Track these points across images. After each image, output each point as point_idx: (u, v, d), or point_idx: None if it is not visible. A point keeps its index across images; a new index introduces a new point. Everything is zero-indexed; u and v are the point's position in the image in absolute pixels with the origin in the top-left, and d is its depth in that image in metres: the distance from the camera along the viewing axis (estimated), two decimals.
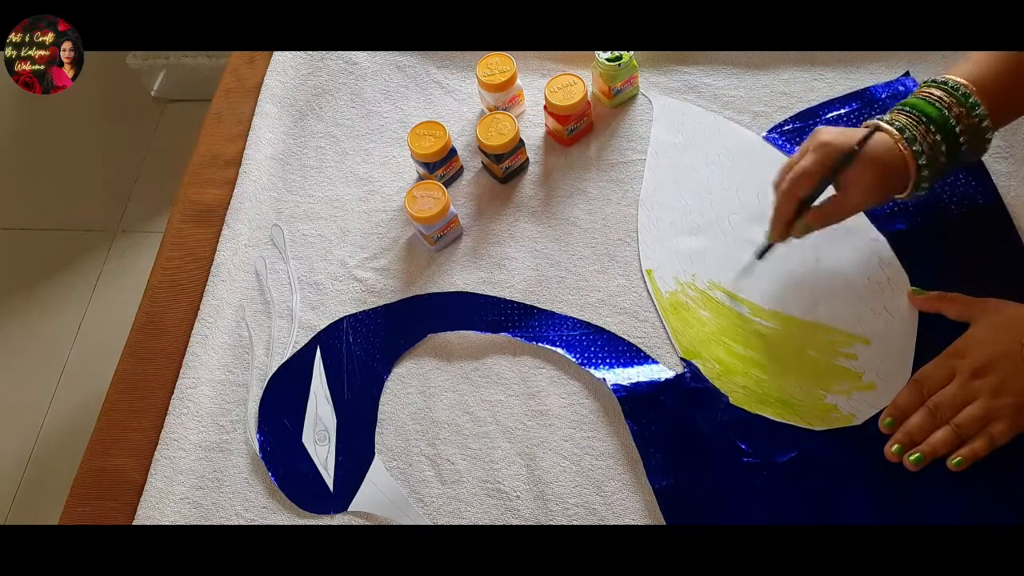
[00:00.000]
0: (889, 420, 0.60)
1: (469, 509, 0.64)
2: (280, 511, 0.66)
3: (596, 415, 0.66)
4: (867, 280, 0.67)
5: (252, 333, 0.74)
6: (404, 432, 0.68)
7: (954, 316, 0.62)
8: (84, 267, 1.54)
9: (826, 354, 0.65)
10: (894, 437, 0.59)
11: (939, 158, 0.59)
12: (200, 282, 0.77)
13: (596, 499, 0.62)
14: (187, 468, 0.68)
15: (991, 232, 0.67)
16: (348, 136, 0.85)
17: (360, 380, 0.70)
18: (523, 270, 0.73)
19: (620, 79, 0.78)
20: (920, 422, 0.58)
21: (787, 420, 0.63)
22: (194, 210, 0.82)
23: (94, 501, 0.68)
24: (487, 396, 0.68)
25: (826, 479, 0.60)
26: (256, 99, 0.87)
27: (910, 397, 0.60)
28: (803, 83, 0.78)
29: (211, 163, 0.85)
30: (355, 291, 0.75)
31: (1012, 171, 0.69)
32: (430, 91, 0.86)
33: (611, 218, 0.75)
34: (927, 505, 0.58)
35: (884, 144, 0.59)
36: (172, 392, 0.71)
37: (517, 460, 0.65)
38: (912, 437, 0.58)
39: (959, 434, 0.57)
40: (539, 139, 0.81)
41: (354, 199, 0.81)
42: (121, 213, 1.60)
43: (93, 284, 1.52)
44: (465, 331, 0.71)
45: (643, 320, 0.69)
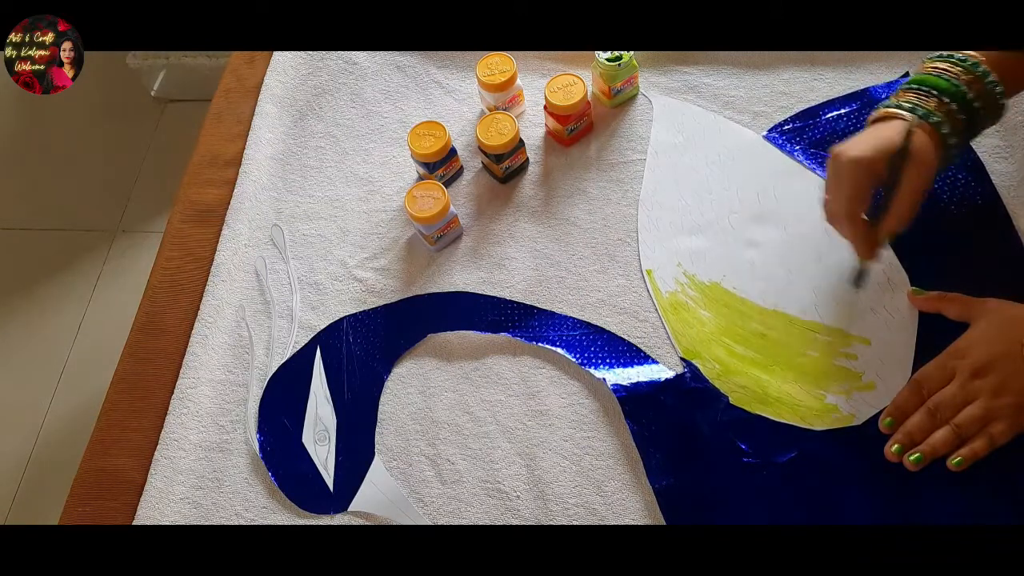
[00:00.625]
0: (889, 420, 0.60)
1: (469, 509, 0.64)
2: (280, 511, 0.66)
3: (596, 415, 0.66)
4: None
5: (252, 333, 0.74)
6: (404, 432, 0.68)
7: (954, 316, 0.62)
8: (84, 267, 1.54)
9: (826, 354, 0.65)
10: (894, 437, 0.59)
11: (962, 126, 0.59)
12: (200, 282, 0.77)
13: (596, 499, 0.62)
14: (187, 468, 0.68)
15: (991, 232, 0.67)
16: (348, 136, 0.85)
17: (360, 380, 0.70)
18: (523, 270, 0.73)
19: (620, 79, 0.78)
20: (920, 422, 0.58)
21: (787, 420, 0.63)
22: (194, 210, 0.82)
23: (94, 501, 0.68)
24: (487, 396, 0.68)
25: (826, 479, 0.60)
26: (256, 99, 0.87)
27: (910, 397, 0.60)
28: (803, 83, 0.78)
29: (211, 163, 0.85)
30: (355, 291, 0.75)
31: (1012, 171, 0.69)
32: (430, 91, 0.86)
33: (611, 218, 0.75)
34: (927, 505, 0.58)
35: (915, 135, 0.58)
36: (172, 392, 0.71)
37: (517, 460, 0.65)
38: (912, 437, 0.58)
39: (959, 434, 0.57)
40: (539, 139, 0.81)
41: (354, 199, 0.81)
42: (121, 213, 1.60)
43: (93, 284, 1.52)
44: (465, 331, 0.71)
45: (643, 320, 0.69)
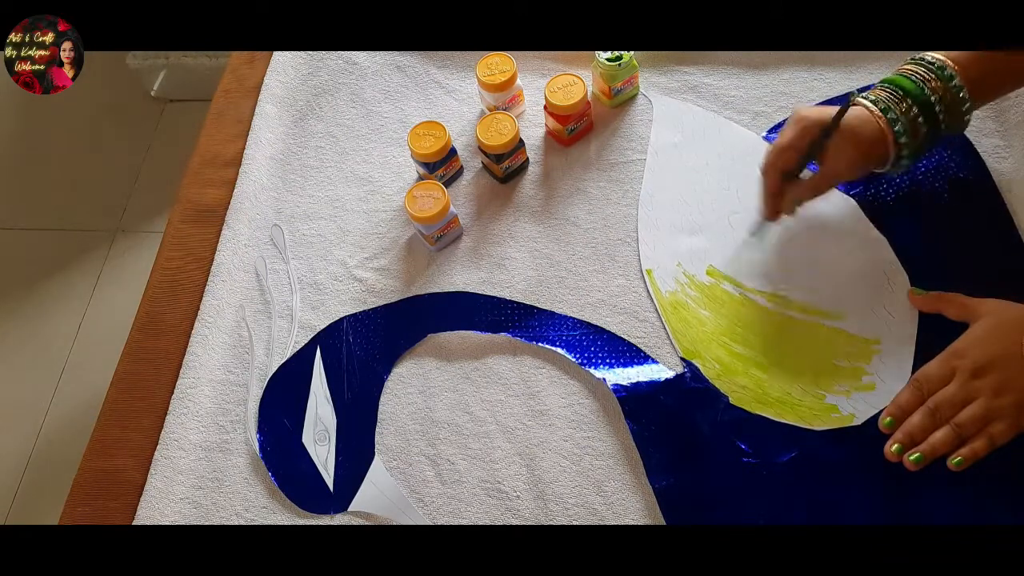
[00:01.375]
0: (889, 420, 0.60)
1: (469, 509, 0.64)
2: (280, 511, 0.66)
3: (596, 415, 0.66)
4: (867, 280, 0.67)
5: (252, 333, 0.74)
6: (404, 432, 0.68)
7: (954, 316, 0.62)
8: (84, 267, 1.54)
9: (826, 354, 0.65)
10: (894, 436, 0.59)
11: (918, 131, 0.61)
12: (200, 282, 0.77)
13: (596, 499, 0.62)
14: (187, 468, 0.68)
15: (990, 231, 0.67)
16: (348, 136, 0.85)
17: (360, 380, 0.70)
18: (523, 270, 0.73)
19: (620, 79, 0.78)
20: (920, 422, 0.58)
21: (787, 420, 0.63)
22: (194, 210, 0.82)
23: (94, 501, 0.68)
24: (487, 396, 0.68)
25: (826, 479, 0.60)
26: (256, 99, 0.87)
27: (910, 397, 0.60)
28: (803, 83, 0.78)
29: (211, 163, 0.85)
30: (355, 291, 0.75)
31: (1011, 169, 0.70)
32: (430, 91, 0.86)
33: (611, 218, 0.75)
34: (927, 505, 0.58)
35: (862, 117, 0.62)
36: (172, 392, 0.71)
37: (517, 460, 0.65)
38: (912, 437, 0.58)
39: (959, 434, 0.57)
40: (539, 139, 0.81)
41: (354, 199, 0.81)
42: (121, 213, 1.60)
43: (93, 284, 1.52)
44: (465, 331, 0.71)
45: (643, 320, 0.69)
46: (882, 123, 0.61)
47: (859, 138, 0.62)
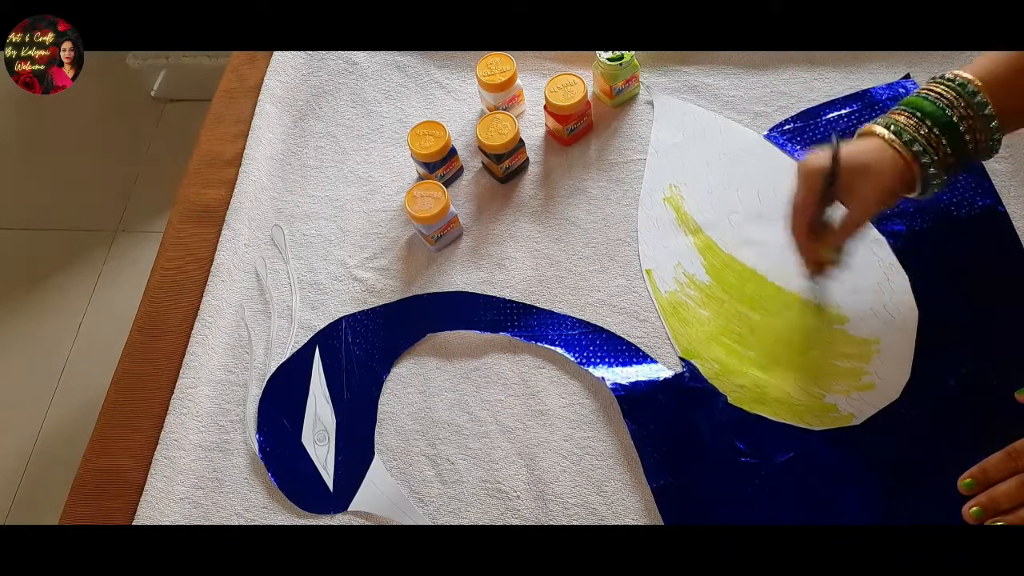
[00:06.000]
0: (969, 481, 0.57)
1: (469, 509, 0.64)
2: (280, 511, 0.66)
3: (596, 415, 0.66)
4: (867, 280, 0.67)
5: (252, 333, 0.74)
6: (404, 432, 0.68)
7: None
8: (84, 267, 1.54)
9: (825, 354, 0.65)
10: (976, 499, 0.56)
11: (944, 154, 0.57)
12: (200, 282, 0.77)
13: (596, 499, 0.62)
14: (187, 468, 0.68)
15: (991, 233, 0.67)
16: (348, 136, 0.85)
17: (360, 380, 0.70)
18: (523, 270, 0.73)
19: (621, 79, 0.78)
20: (1008, 489, 0.55)
21: (786, 420, 0.63)
22: (194, 210, 0.82)
23: (94, 501, 0.68)
24: (487, 396, 0.68)
25: (824, 479, 0.60)
26: (256, 99, 0.87)
27: (1000, 464, 0.56)
28: (803, 83, 0.78)
29: (211, 163, 0.85)
30: (355, 291, 0.75)
31: (1012, 171, 0.70)
32: (430, 91, 0.86)
33: (611, 218, 0.75)
34: (925, 505, 0.58)
35: (875, 150, 0.58)
36: (172, 392, 0.71)
37: (517, 460, 0.65)
38: (997, 504, 0.55)
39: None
40: (539, 139, 0.81)
41: (354, 199, 0.81)
42: (121, 213, 1.60)
43: (93, 284, 1.52)
44: (465, 331, 0.71)
45: (643, 320, 0.69)
46: (899, 148, 0.57)
47: (874, 172, 0.58)
